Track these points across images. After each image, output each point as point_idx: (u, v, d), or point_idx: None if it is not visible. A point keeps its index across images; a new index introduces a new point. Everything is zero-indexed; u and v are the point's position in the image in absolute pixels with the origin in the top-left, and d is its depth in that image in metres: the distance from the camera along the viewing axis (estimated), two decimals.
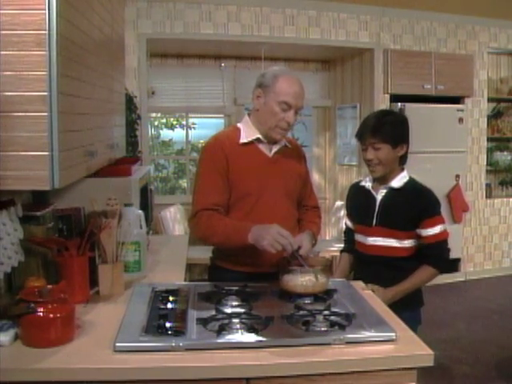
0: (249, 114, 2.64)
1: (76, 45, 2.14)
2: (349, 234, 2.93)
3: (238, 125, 2.65)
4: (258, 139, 2.57)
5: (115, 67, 3.20)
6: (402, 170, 2.74)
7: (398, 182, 2.70)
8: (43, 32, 1.80)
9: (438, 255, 2.66)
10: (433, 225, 2.62)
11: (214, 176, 2.49)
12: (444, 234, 2.66)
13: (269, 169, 2.56)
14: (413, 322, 2.07)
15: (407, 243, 2.66)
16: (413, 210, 2.63)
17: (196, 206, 2.50)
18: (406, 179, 2.71)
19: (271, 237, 2.25)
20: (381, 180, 2.73)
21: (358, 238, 2.81)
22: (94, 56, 2.52)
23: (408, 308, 2.52)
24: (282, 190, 2.57)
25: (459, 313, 5.69)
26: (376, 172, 2.68)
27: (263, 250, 2.29)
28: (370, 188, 2.77)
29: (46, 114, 1.83)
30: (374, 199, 2.73)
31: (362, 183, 2.84)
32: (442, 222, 2.67)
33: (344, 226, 3.03)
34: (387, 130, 2.62)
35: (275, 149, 2.60)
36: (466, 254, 6.96)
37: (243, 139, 2.56)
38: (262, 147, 2.59)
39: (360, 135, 2.72)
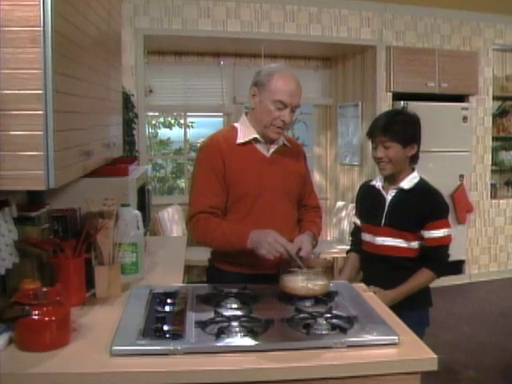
0: (246, 113, 2.65)
1: (71, 42, 2.14)
2: (357, 234, 2.94)
3: (236, 124, 2.65)
4: (255, 139, 2.57)
5: (112, 65, 3.20)
6: (413, 170, 2.77)
7: (407, 182, 2.72)
8: (38, 28, 1.80)
9: (437, 259, 2.67)
10: (437, 228, 2.64)
11: (211, 177, 2.50)
12: (447, 238, 2.67)
13: (267, 169, 2.56)
14: (420, 323, 2.08)
15: (415, 244, 2.68)
16: (420, 212, 2.65)
17: (193, 209, 2.51)
18: (416, 180, 2.74)
19: (269, 246, 2.29)
20: (391, 180, 2.76)
21: (366, 237, 2.83)
22: (90, 53, 2.52)
23: (416, 308, 2.55)
24: (281, 190, 2.57)
25: (464, 315, 5.69)
26: (385, 170, 2.71)
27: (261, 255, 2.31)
28: (381, 188, 2.80)
29: (41, 112, 1.82)
30: (384, 199, 2.76)
31: (373, 182, 2.87)
32: (447, 226, 2.68)
33: (352, 226, 3.05)
34: (398, 129, 2.65)
35: (273, 148, 2.60)
36: (470, 255, 6.95)
37: (240, 139, 2.56)
38: (260, 147, 2.59)
39: (371, 133, 2.75)
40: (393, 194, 2.74)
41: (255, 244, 2.34)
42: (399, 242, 2.68)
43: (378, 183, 2.83)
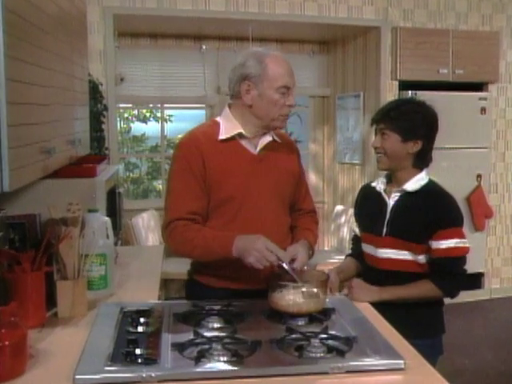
0: (229, 106, 2.65)
1: (27, 22, 2.14)
2: (357, 241, 2.93)
3: (218, 119, 2.66)
4: (239, 134, 2.57)
5: (76, 49, 3.20)
6: (421, 170, 2.72)
7: (412, 184, 2.67)
8: None
9: (444, 272, 2.58)
10: (447, 237, 2.57)
11: (189, 179, 2.51)
12: (459, 250, 2.60)
13: (254, 168, 2.57)
14: (432, 352, 2.03)
15: (422, 258, 2.62)
16: (427, 218, 2.59)
17: (169, 215, 2.52)
18: (423, 182, 2.69)
19: (258, 253, 2.29)
20: (394, 182, 2.73)
21: (366, 248, 2.80)
22: (49, 36, 2.52)
23: (427, 336, 2.44)
24: (270, 192, 2.58)
25: (483, 338, 5.69)
26: (380, 163, 2.72)
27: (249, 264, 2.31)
28: (382, 191, 2.76)
29: None
30: (386, 204, 2.72)
31: (374, 184, 2.83)
32: (460, 236, 2.61)
33: (352, 233, 3.03)
34: (397, 117, 2.64)
35: (261, 145, 2.60)
36: (490, 267, 6.97)
37: (222, 135, 2.56)
38: (246, 143, 2.59)
39: (373, 119, 2.76)
40: (396, 199, 2.70)
41: (242, 251, 2.34)
42: (404, 255, 2.63)
43: (379, 185, 2.79)
